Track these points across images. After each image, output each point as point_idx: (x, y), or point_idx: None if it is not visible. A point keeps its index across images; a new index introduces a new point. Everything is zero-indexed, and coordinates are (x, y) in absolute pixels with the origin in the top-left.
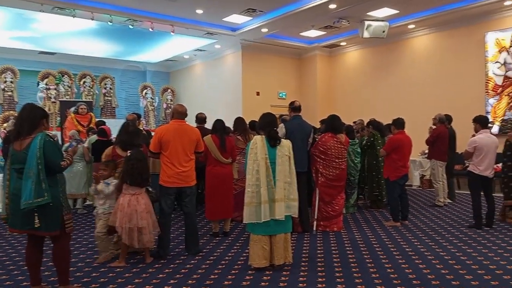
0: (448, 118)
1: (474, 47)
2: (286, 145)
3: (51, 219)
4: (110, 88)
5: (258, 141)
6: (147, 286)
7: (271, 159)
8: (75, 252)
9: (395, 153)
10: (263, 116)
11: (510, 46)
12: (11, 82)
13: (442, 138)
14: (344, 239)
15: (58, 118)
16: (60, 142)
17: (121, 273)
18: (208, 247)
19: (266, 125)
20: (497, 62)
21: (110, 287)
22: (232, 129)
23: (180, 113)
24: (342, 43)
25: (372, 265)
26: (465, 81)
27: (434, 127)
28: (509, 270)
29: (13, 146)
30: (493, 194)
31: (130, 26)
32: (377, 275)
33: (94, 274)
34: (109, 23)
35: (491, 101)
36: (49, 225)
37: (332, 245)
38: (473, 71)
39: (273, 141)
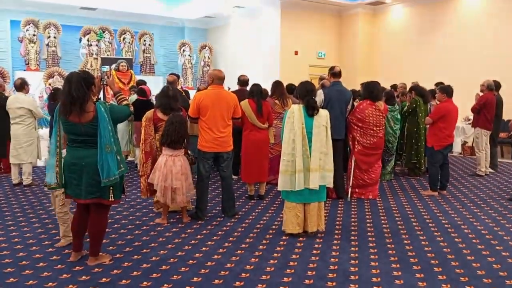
0: (497, 85)
1: None
2: (323, 115)
3: (118, 188)
4: (149, 45)
5: (295, 110)
6: (186, 246)
7: (307, 129)
8: (118, 209)
9: (442, 122)
10: (302, 84)
11: None
12: (55, 37)
13: (488, 106)
14: (379, 207)
15: (100, 74)
16: (102, 98)
17: (162, 232)
18: (243, 209)
19: (305, 93)
20: None
21: (152, 245)
22: (269, 92)
23: (219, 78)
24: (387, 1)
25: (406, 236)
26: None
27: (481, 94)
28: None
29: (65, 117)
30: None
31: None
32: (411, 246)
33: (136, 232)
34: None
35: None
36: (116, 193)
37: (367, 213)
38: None
39: (310, 111)
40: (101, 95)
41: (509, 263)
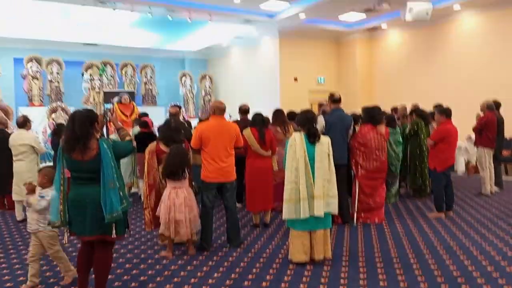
0: (496, 104)
1: None
2: (325, 142)
3: (122, 224)
4: (151, 77)
5: (297, 138)
6: (192, 280)
7: (310, 156)
8: (123, 242)
9: (442, 143)
10: (303, 112)
11: None
12: (57, 73)
13: (489, 125)
14: (386, 231)
15: (103, 108)
16: (104, 132)
17: (167, 265)
18: (249, 238)
19: (306, 121)
20: None
21: (158, 280)
22: (271, 120)
23: (220, 110)
24: (383, 26)
25: (415, 260)
26: None
27: (481, 114)
28: None
29: (69, 154)
30: None
31: (169, 17)
32: (420, 271)
33: (142, 266)
34: (148, 14)
35: None
36: (120, 229)
37: (373, 238)
38: None
39: (312, 138)
40: (104, 130)
41: None
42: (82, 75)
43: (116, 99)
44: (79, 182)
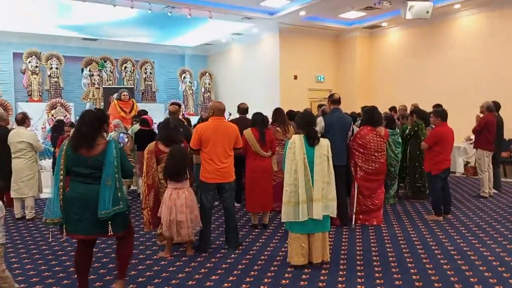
0: (496, 106)
1: None
2: (324, 144)
3: (121, 222)
4: (150, 73)
5: (296, 141)
6: (190, 282)
7: (309, 159)
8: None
9: (437, 146)
10: (302, 115)
11: None
12: (57, 68)
13: (489, 127)
14: (384, 234)
15: (102, 104)
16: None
17: (165, 266)
18: (247, 240)
19: (305, 124)
20: None
21: (156, 281)
22: (270, 120)
23: (219, 110)
24: (383, 24)
25: (412, 264)
26: None
27: (481, 115)
28: None
29: (74, 150)
30: None
31: (169, 13)
32: (418, 276)
33: (140, 267)
34: (148, 11)
35: None
36: (118, 227)
37: (372, 241)
38: None
39: (311, 140)
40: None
41: None
42: (82, 70)
43: (115, 95)
44: (81, 180)
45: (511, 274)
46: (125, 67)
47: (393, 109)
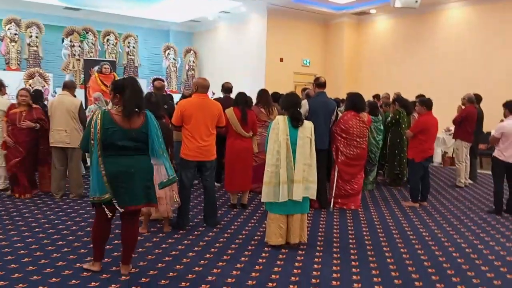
0: (478, 98)
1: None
2: (308, 126)
3: (155, 190)
4: (133, 47)
5: (280, 122)
6: (166, 258)
7: (292, 140)
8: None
9: (422, 135)
10: (287, 96)
11: None
12: (36, 37)
13: (470, 118)
14: (361, 218)
15: (82, 76)
16: (84, 101)
17: (142, 242)
18: (226, 219)
19: (290, 105)
20: None
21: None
22: (255, 100)
23: (203, 87)
24: (372, 11)
25: (388, 249)
26: (500, 60)
27: (463, 106)
28: None
29: (117, 123)
30: None
31: None
32: (392, 260)
33: (115, 242)
34: None
35: None
36: (155, 196)
37: (349, 224)
38: (508, 49)
39: (295, 122)
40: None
41: (488, 278)
42: (62, 40)
43: (96, 68)
44: (123, 153)
45: (483, 261)
46: (108, 40)
47: (376, 96)
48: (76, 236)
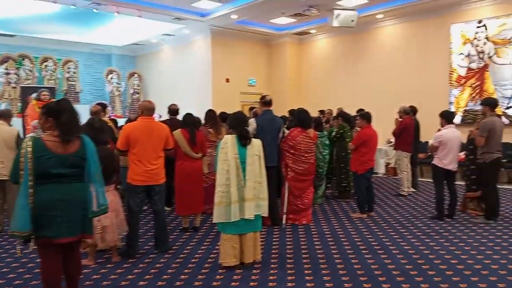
0: (413, 110)
1: (440, 39)
2: (256, 144)
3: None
4: (74, 72)
5: (228, 141)
6: None
7: (241, 159)
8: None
9: (364, 147)
10: (234, 115)
11: (474, 39)
12: None
13: (408, 129)
14: (313, 232)
15: (19, 104)
16: (21, 130)
17: (89, 275)
18: (178, 243)
19: (237, 124)
20: (461, 54)
21: None
22: (202, 121)
23: (149, 110)
24: (311, 31)
25: (340, 260)
26: (430, 72)
27: (400, 119)
28: (469, 264)
29: (50, 149)
30: (455, 183)
31: (94, 10)
32: (345, 271)
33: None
34: (72, 6)
35: (455, 92)
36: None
37: (302, 239)
38: (439, 63)
39: (244, 140)
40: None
41: (435, 281)
42: None
43: (34, 95)
44: (56, 181)
45: (430, 266)
46: (46, 66)
47: (321, 112)
48: (23, 280)
